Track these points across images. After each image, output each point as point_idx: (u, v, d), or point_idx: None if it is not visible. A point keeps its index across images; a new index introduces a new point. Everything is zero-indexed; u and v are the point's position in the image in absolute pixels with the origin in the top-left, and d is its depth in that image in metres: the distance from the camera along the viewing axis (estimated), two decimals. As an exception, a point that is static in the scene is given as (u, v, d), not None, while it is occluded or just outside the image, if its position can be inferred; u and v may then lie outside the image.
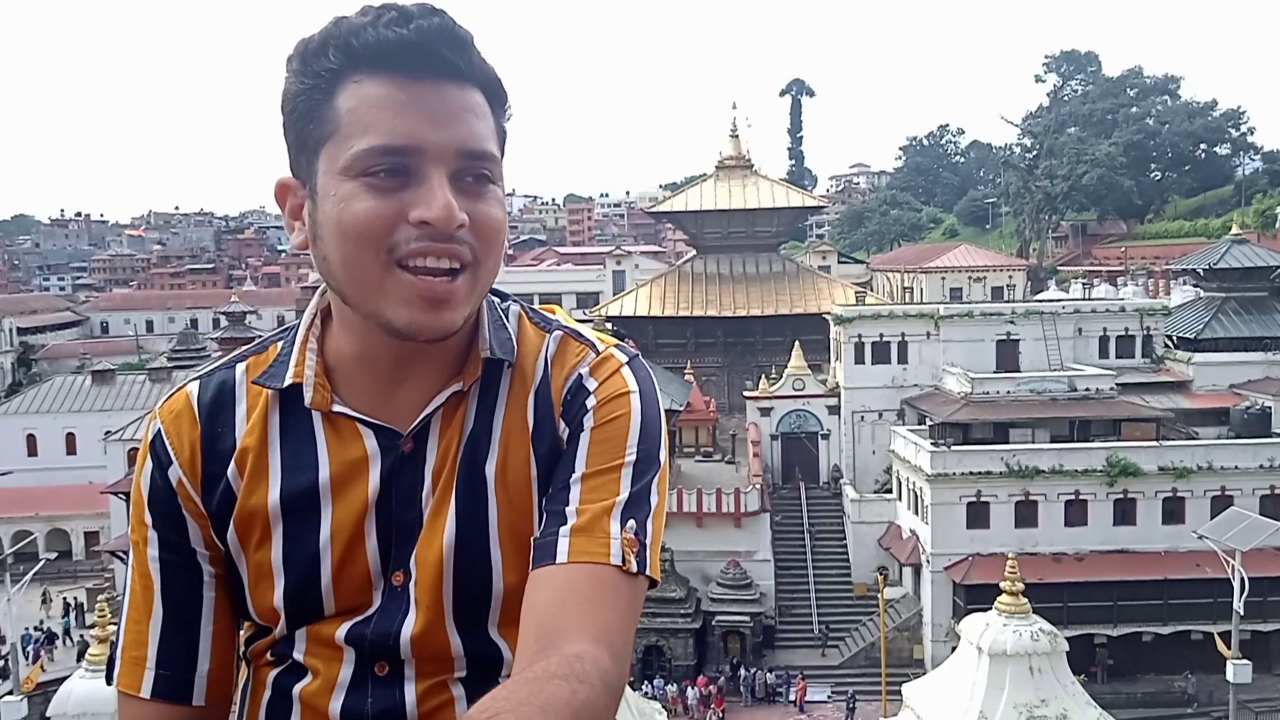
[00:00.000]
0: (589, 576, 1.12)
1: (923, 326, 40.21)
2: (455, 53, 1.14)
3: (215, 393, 1.29)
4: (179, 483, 1.27)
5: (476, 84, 1.16)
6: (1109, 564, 32.15)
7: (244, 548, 1.25)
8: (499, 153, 1.18)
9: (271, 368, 1.28)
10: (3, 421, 48.72)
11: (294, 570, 1.23)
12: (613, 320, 48.90)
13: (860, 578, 36.41)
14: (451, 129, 1.13)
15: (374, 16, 1.13)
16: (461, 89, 1.14)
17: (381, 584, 1.22)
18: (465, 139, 1.13)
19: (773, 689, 32.55)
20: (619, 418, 1.22)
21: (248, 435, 1.26)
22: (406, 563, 1.22)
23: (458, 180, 1.13)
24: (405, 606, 1.21)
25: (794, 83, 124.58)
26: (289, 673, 1.25)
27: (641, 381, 1.26)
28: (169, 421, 1.29)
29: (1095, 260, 79.36)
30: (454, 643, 1.21)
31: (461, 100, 1.14)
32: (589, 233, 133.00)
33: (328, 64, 1.12)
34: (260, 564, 1.24)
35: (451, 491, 1.22)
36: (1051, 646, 12.62)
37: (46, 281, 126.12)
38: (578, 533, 1.14)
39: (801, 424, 41.22)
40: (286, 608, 1.23)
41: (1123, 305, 42.33)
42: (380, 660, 1.21)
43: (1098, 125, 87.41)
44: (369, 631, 1.21)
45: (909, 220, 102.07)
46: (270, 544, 1.24)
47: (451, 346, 1.24)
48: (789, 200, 56.36)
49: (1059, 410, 35.13)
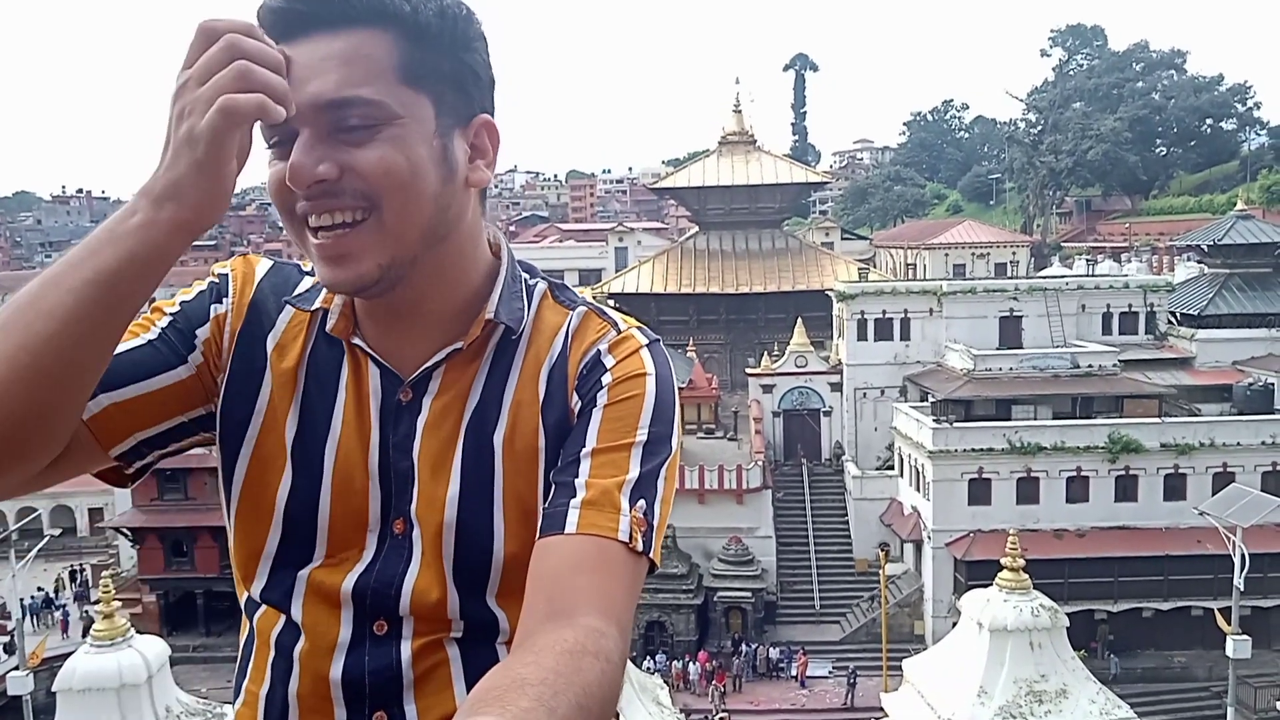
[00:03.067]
0: (598, 549, 1.12)
1: (926, 303, 40.15)
2: (326, 6, 1.10)
3: (279, 280, 1.33)
4: (220, 316, 1.29)
5: (368, 23, 1.11)
6: (1110, 540, 32.25)
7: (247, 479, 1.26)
8: (390, 100, 1.11)
9: (306, 292, 1.30)
10: (6, 398, 48.82)
11: (296, 508, 1.23)
12: (615, 297, 48.87)
13: (862, 554, 36.53)
14: (309, 85, 1.09)
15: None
16: (331, 37, 1.10)
17: (379, 528, 1.23)
18: (320, 92, 1.09)
19: (774, 664, 32.75)
20: (633, 397, 1.22)
21: (287, 334, 1.28)
22: (407, 512, 1.22)
23: (336, 132, 1.11)
24: (408, 556, 1.22)
25: (798, 58, 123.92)
26: (287, 632, 1.25)
27: (659, 365, 1.26)
28: (239, 266, 1.34)
29: (1099, 236, 79.16)
30: (452, 601, 1.21)
31: (326, 50, 1.10)
32: (591, 209, 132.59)
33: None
34: (260, 497, 1.24)
35: (455, 452, 1.23)
36: (1052, 622, 12.68)
37: (48, 258, 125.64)
38: (588, 505, 1.14)
39: (804, 401, 41.25)
40: (286, 510, 1.23)
41: (1126, 282, 42.23)
42: (380, 618, 1.22)
43: (1103, 100, 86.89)
44: (372, 580, 1.21)
45: (912, 196, 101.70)
46: (279, 483, 1.24)
47: (456, 308, 1.25)
48: (792, 176, 56.15)
49: (1061, 387, 35.12)
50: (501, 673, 0.96)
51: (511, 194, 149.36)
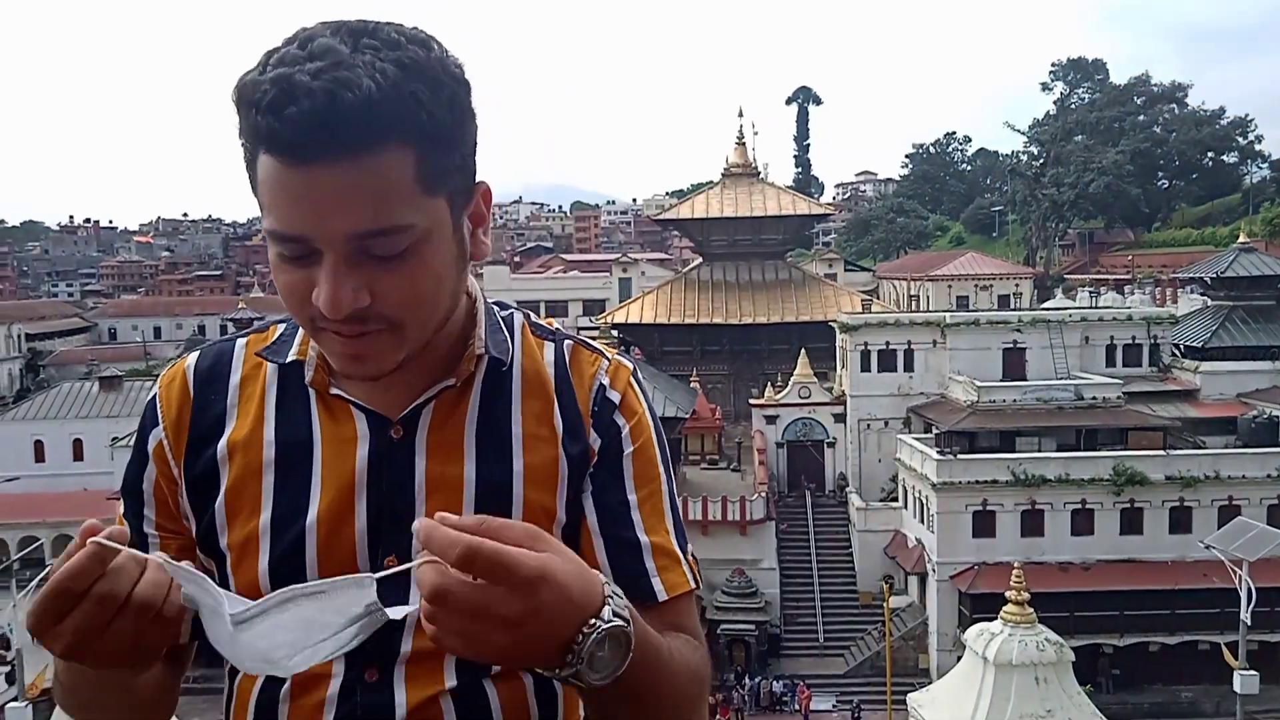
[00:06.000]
0: (686, 603, 1.28)
1: (929, 334, 40.14)
2: (345, 130, 1.02)
3: (213, 361, 1.32)
4: (158, 445, 1.29)
5: (388, 141, 1.05)
6: (1115, 574, 32.01)
7: (231, 521, 1.25)
8: (417, 218, 1.09)
9: (274, 344, 1.30)
10: (10, 427, 48.78)
11: (281, 540, 1.22)
12: (619, 327, 48.94)
13: (866, 586, 36.28)
14: (339, 216, 1.06)
15: (259, 92, 1.03)
16: (356, 164, 1.04)
17: (368, 567, 1.21)
18: (355, 224, 1.06)
19: (778, 698, 32.46)
20: (646, 439, 1.30)
21: (244, 404, 1.28)
22: (401, 549, 1.20)
23: (362, 255, 1.08)
24: (404, 597, 1.19)
25: (800, 90, 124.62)
26: (271, 685, 1.24)
27: (647, 394, 1.34)
28: (164, 387, 1.33)
29: (1102, 268, 79.21)
30: None
31: (354, 179, 1.04)
32: (595, 240, 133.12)
33: (242, 124, 1.08)
34: (248, 535, 1.24)
35: (464, 484, 1.23)
36: (1057, 656, 12.60)
37: (55, 288, 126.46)
38: (663, 570, 1.26)
39: (807, 432, 41.15)
40: (271, 581, 1.21)
41: (1130, 314, 42.21)
42: (372, 665, 1.20)
43: (1105, 133, 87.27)
44: None
45: (915, 228, 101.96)
46: (260, 514, 1.23)
47: (443, 347, 1.25)
48: (795, 208, 56.32)
49: (1065, 419, 35.01)
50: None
51: (516, 225, 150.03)
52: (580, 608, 0.99)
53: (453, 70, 1.11)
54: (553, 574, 0.96)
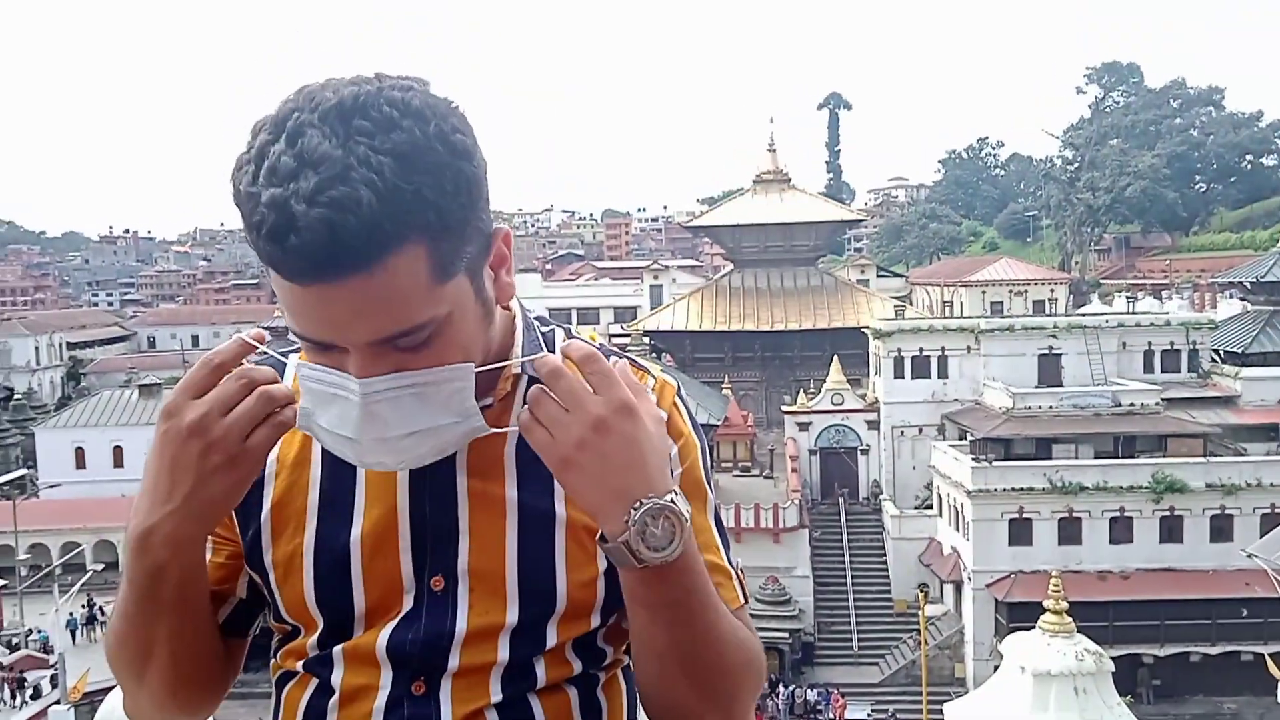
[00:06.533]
0: (740, 618, 1.28)
1: (963, 341, 39.85)
2: (349, 253, 0.99)
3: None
4: None
5: (397, 249, 1.01)
6: (1155, 582, 31.58)
7: (276, 537, 1.25)
8: (436, 309, 1.07)
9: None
10: (52, 434, 49.63)
11: (325, 558, 1.22)
12: (650, 335, 48.96)
13: (900, 594, 36.02)
14: (357, 327, 1.05)
15: (258, 215, 1.00)
16: (367, 279, 1.01)
17: (414, 588, 1.21)
18: (374, 333, 1.06)
19: (812, 706, 32.27)
20: (694, 460, 1.28)
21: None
22: (450, 567, 1.21)
23: (386, 347, 1.08)
24: (453, 611, 1.21)
25: (831, 96, 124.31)
26: (319, 695, 1.24)
27: (693, 413, 1.33)
28: None
29: (1139, 273, 78.25)
30: (502, 651, 1.21)
31: (366, 293, 1.02)
32: (626, 247, 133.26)
33: (245, 232, 1.07)
34: (292, 552, 1.24)
35: (506, 502, 1.22)
36: (1097, 666, 12.42)
37: (95, 297, 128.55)
38: (719, 587, 1.24)
39: (840, 439, 40.96)
40: (317, 597, 1.22)
41: (1168, 319, 41.69)
42: (418, 678, 1.21)
43: (1140, 137, 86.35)
44: (416, 637, 1.20)
45: (948, 234, 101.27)
46: (304, 532, 1.23)
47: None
48: (827, 214, 56.23)
49: (1103, 425, 34.61)
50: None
51: (548, 233, 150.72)
52: (648, 466, 1.09)
53: (454, 141, 1.04)
54: (641, 416, 1.10)
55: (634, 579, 1.13)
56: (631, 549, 1.08)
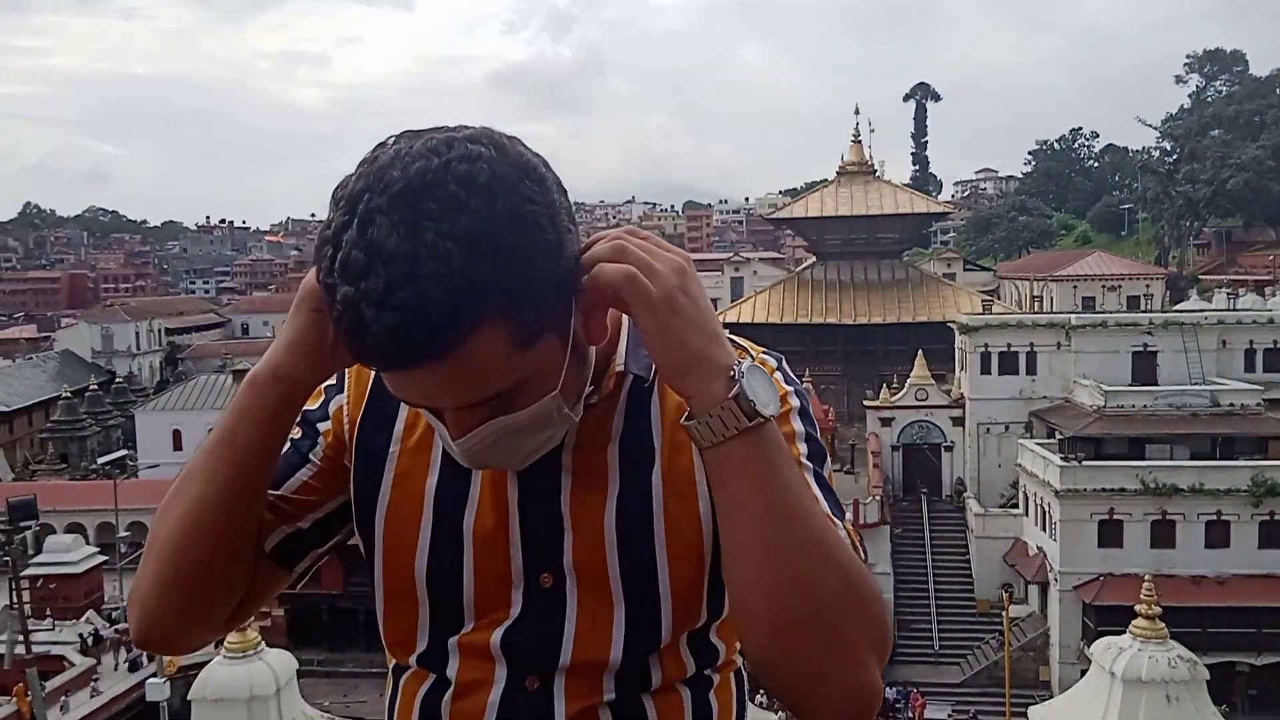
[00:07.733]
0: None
1: (1053, 337, 38.93)
2: (423, 347, 1.00)
3: None
4: (339, 409, 1.31)
5: (474, 332, 1.00)
6: (1253, 589, 30.57)
7: (392, 513, 1.26)
8: (522, 373, 1.07)
9: None
10: (151, 417, 51.63)
11: (440, 542, 1.24)
12: (730, 326, 47.53)
13: (983, 594, 35.45)
14: (443, 399, 1.08)
15: (335, 307, 1.01)
16: (444, 363, 1.01)
17: (523, 584, 1.23)
18: (460, 402, 1.08)
19: (891, 705, 31.91)
20: (784, 413, 1.21)
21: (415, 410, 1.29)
22: (557, 564, 1.23)
23: (478, 406, 1.10)
24: (562, 608, 1.22)
25: (918, 86, 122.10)
26: (435, 691, 1.27)
27: (794, 381, 1.30)
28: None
29: (1241, 269, 75.48)
30: (615, 649, 1.22)
31: (447, 375, 1.03)
32: (707, 239, 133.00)
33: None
34: (407, 531, 1.25)
35: (608, 498, 1.23)
36: (1191, 674, 12.00)
37: (193, 285, 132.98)
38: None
39: (924, 435, 40.38)
40: (428, 573, 1.24)
41: (1271, 316, 40.16)
42: (532, 673, 1.23)
43: (1244, 128, 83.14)
44: (528, 634, 1.22)
45: (1038, 227, 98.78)
46: (421, 515, 1.25)
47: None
48: (912, 206, 55.30)
49: (1200, 426, 33.57)
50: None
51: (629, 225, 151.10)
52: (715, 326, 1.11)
53: (525, 215, 1.01)
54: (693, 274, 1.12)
55: (734, 449, 1.06)
56: (744, 402, 1.05)
